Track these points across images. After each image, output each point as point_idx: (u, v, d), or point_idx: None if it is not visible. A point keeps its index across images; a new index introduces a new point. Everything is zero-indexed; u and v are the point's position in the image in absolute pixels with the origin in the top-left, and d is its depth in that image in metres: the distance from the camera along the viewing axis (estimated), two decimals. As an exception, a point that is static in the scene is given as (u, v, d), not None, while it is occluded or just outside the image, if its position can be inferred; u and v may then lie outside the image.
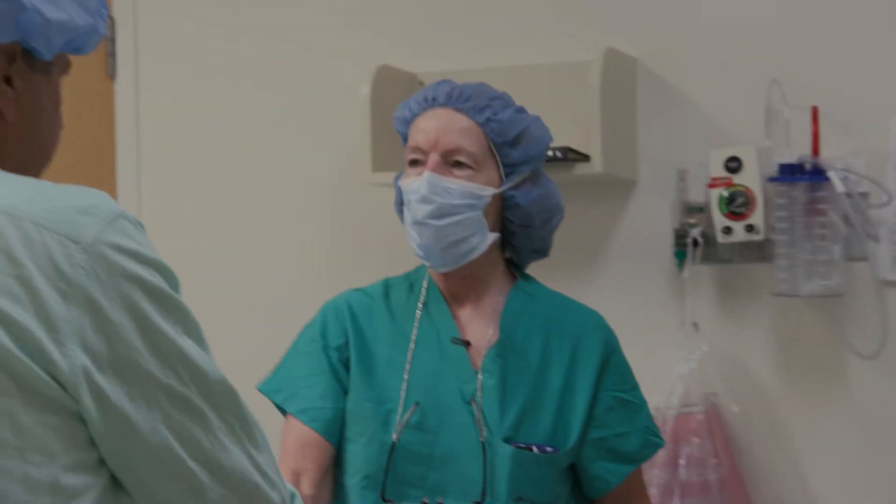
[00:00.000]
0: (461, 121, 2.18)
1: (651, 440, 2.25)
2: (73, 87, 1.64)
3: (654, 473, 2.79)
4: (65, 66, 1.36)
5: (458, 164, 2.16)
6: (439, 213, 2.14)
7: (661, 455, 2.77)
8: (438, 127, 2.18)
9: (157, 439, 1.22)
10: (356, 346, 2.23)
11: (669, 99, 2.93)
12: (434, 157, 2.16)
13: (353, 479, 2.19)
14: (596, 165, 2.79)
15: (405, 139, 2.24)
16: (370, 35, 3.13)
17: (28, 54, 1.31)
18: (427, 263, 2.21)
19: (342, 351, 2.23)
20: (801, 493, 2.84)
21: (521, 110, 2.22)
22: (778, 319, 2.86)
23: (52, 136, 1.36)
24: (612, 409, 2.21)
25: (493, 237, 2.20)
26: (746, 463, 2.85)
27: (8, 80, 1.30)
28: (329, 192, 3.15)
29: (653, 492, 2.79)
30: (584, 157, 2.81)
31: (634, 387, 2.26)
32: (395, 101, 2.36)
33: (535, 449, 2.15)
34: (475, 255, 2.18)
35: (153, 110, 3.31)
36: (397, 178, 2.27)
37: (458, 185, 2.15)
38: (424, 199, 2.15)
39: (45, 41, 1.30)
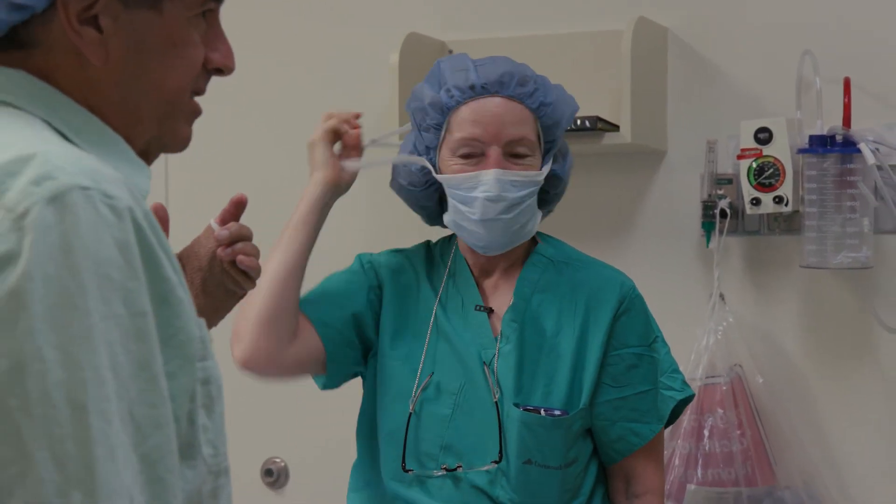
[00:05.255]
0: (518, 110, 2.15)
1: (664, 395, 2.18)
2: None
3: (677, 444, 2.79)
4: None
5: (518, 155, 2.14)
6: (508, 208, 2.13)
7: (685, 425, 2.76)
8: (497, 118, 2.13)
9: None
10: (390, 300, 2.22)
11: (700, 69, 2.91)
12: (496, 151, 2.13)
13: (381, 434, 2.20)
14: (625, 135, 2.78)
15: (439, 126, 2.17)
16: (399, 3, 3.11)
17: None
18: (484, 252, 2.19)
19: (375, 290, 2.23)
20: (825, 465, 2.84)
21: (548, 81, 2.19)
22: (805, 291, 2.85)
23: (169, 80, 1.22)
24: (633, 367, 2.17)
25: (540, 215, 2.20)
26: (771, 434, 2.84)
27: (95, 22, 1.16)
28: (356, 160, 3.14)
29: (675, 462, 2.79)
30: (614, 127, 2.80)
31: (656, 339, 2.20)
32: (424, 69, 2.33)
33: (542, 412, 2.13)
34: (529, 236, 2.20)
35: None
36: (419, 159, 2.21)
37: (522, 177, 2.14)
38: (497, 199, 2.12)
39: None
